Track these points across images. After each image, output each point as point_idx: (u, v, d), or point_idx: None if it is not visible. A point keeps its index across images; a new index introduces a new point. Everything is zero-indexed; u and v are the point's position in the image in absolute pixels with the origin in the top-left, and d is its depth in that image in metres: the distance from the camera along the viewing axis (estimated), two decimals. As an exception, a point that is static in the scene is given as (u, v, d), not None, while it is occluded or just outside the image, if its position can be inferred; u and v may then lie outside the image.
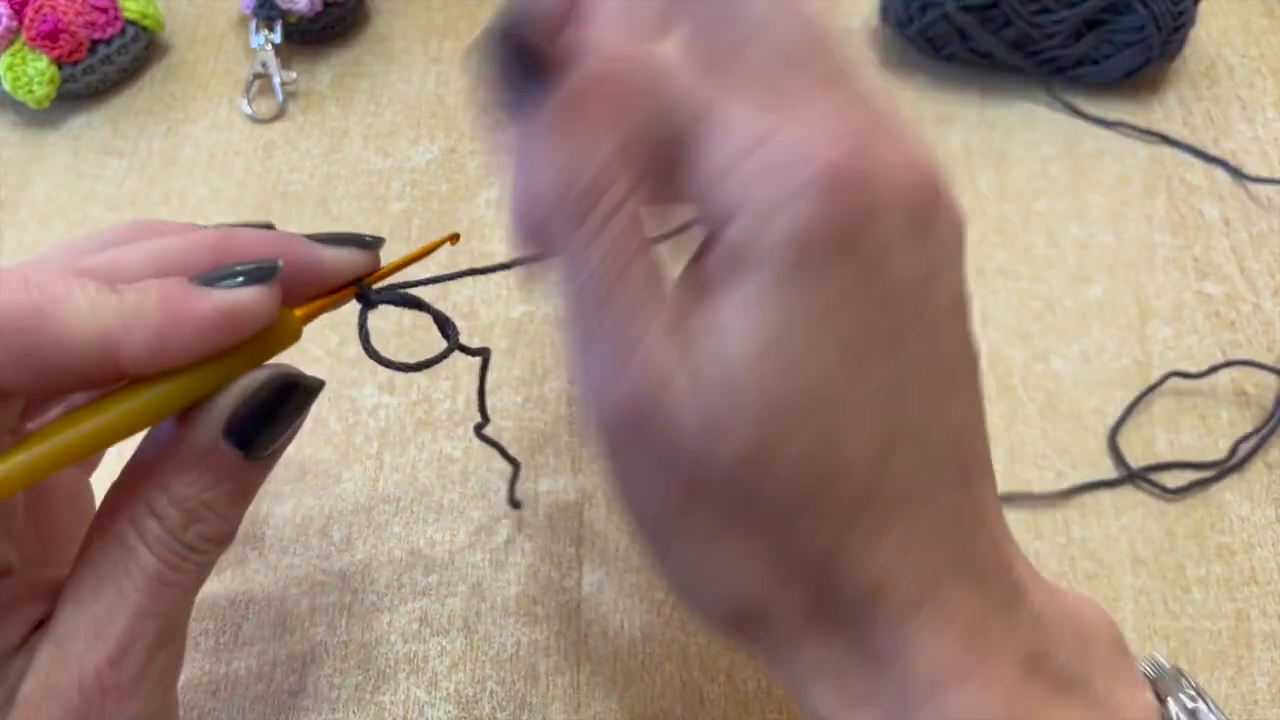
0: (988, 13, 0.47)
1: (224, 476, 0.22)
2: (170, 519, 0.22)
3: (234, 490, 0.22)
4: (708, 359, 0.19)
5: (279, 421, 0.23)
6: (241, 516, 0.23)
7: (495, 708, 0.33)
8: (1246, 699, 0.33)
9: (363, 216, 0.46)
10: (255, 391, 0.22)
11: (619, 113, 0.19)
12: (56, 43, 0.48)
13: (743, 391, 0.19)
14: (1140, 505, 0.37)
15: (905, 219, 0.19)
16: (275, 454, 0.23)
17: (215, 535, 0.22)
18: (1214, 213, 0.45)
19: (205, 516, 0.22)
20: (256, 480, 0.23)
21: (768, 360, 0.19)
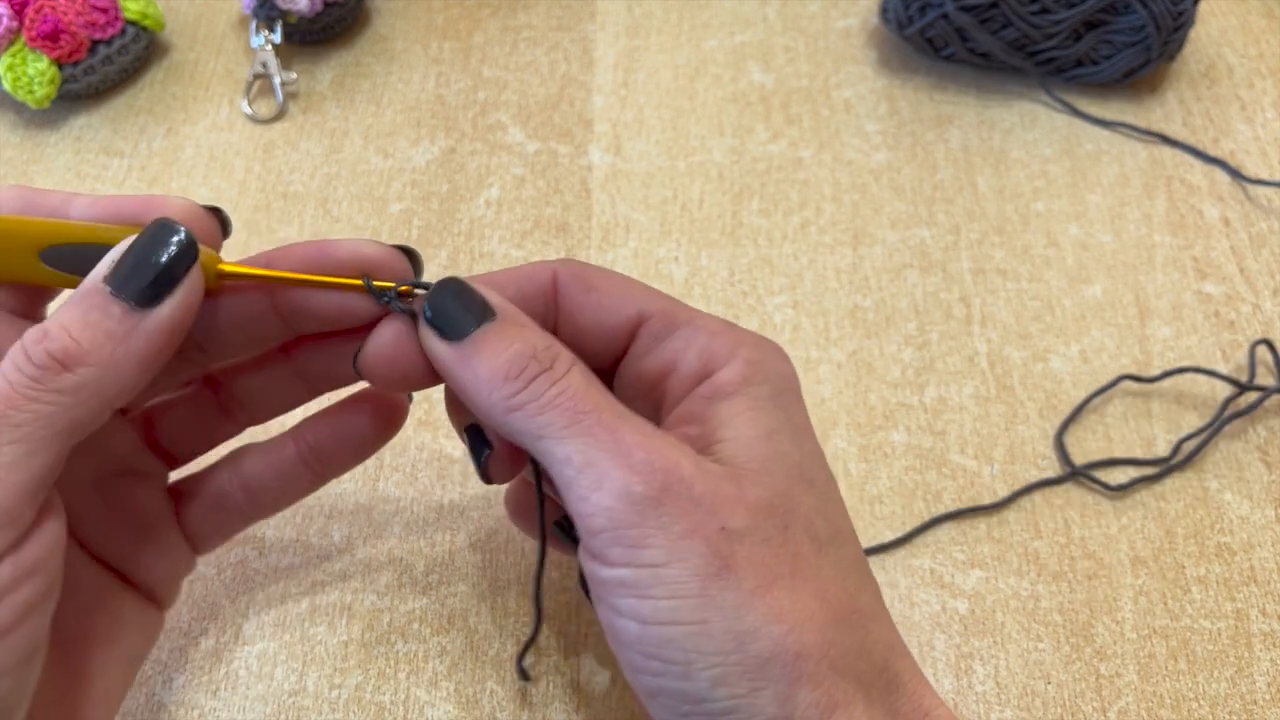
0: (987, 13, 0.47)
1: (91, 308, 0.24)
2: (29, 336, 0.24)
3: (97, 321, 0.24)
4: (728, 440, 0.25)
5: (152, 261, 0.24)
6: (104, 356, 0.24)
7: (495, 708, 0.33)
8: (1246, 699, 0.33)
9: (363, 216, 0.46)
10: (136, 239, 0.25)
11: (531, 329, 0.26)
12: (57, 43, 0.48)
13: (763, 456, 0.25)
14: (1139, 506, 0.37)
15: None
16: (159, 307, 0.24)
17: (58, 352, 0.23)
18: (1214, 213, 0.45)
19: (55, 334, 0.23)
20: (131, 325, 0.24)
21: (774, 439, 0.26)
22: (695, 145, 0.48)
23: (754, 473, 0.25)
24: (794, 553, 0.24)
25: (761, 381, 0.26)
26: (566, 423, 0.24)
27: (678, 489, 0.23)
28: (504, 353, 0.25)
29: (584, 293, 0.28)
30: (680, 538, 0.23)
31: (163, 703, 0.34)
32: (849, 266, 0.44)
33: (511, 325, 0.26)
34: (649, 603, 0.23)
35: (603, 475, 0.24)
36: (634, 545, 0.23)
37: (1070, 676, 0.34)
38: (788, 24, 0.53)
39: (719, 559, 0.23)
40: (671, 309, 0.28)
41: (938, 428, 0.39)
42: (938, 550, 0.37)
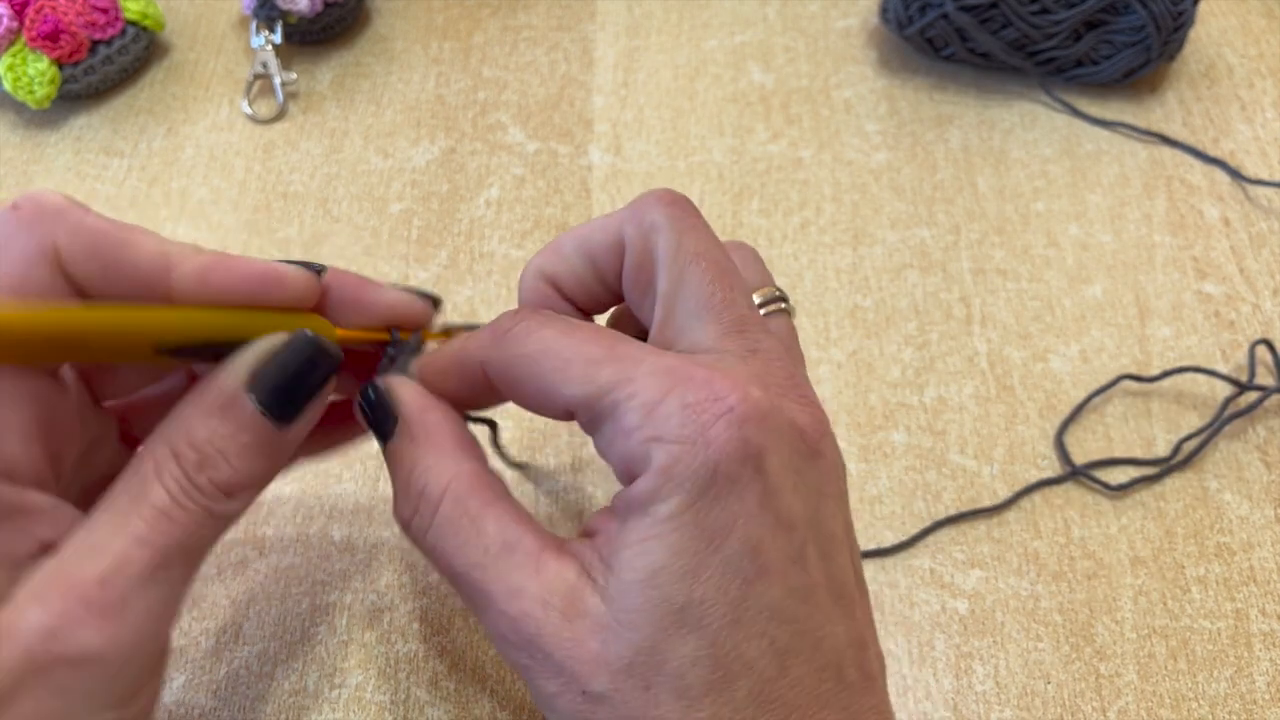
0: (987, 13, 0.47)
1: (241, 428, 0.24)
2: (186, 458, 0.23)
3: (251, 444, 0.24)
4: (613, 578, 0.23)
5: (300, 380, 0.24)
6: (257, 477, 0.24)
7: (495, 707, 0.34)
8: (1246, 699, 0.33)
9: (363, 217, 0.46)
10: (278, 346, 0.24)
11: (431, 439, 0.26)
12: (57, 43, 0.48)
13: (634, 606, 0.22)
14: (1138, 505, 0.37)
15: (797, 452, 0.23)
16: (298, 421, 0.25)
17: (224, 483, 0.23)
18: (1214, 213, 0.45)
19: (218, 463, 0.23)
20: (277, 443, 0.24)
21: (654, 581, 0.22)
22: (695, 145, 0.48)
23: (622, 624, 0.23)
24: (655, 715, 0.23)
25: (668, 495, 0.22)
26: (447, 578, 0.25)
27: (540, 658, 0.23)
28: (395, 482, 0.26)
29: (512, 388, 0.26)
30: (552, 697, 0.24)
31: (162, 702, 0.34)
32: (849, 266, 0.44)
33: (405, 444, 0.26)
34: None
35: (487, 631, 0.25)
36: (530, 688, 0.24)
37: (1070, 676, 0.34)
38: (788, 24, 0.53)
39: (583, 719, 0.23)
40: (593, 398, 0.24)
41: (938, 428, 0.39)
42: (938, 550, 0.37)
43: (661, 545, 0.22)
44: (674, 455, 0.22)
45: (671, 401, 0.23)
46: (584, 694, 0.23)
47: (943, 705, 0.33)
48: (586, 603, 0.23)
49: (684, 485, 0.22)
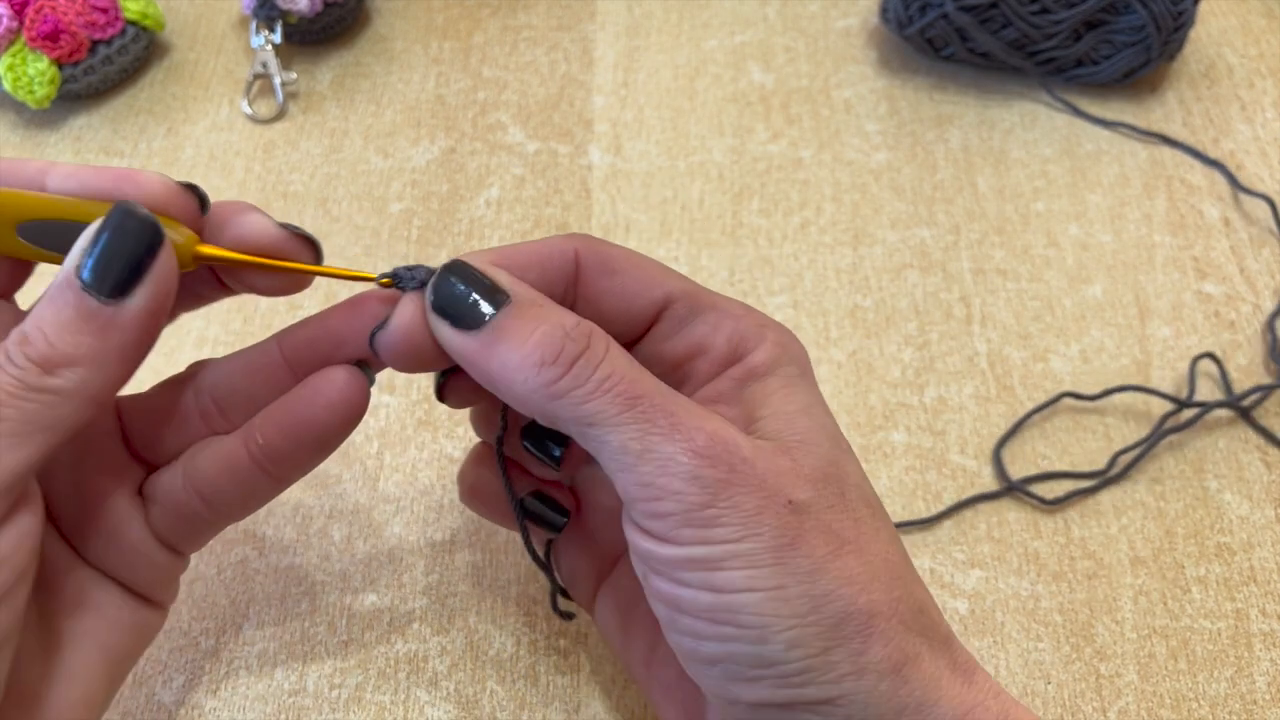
0: (987, 13, 0.47)
1: (64, 305, 0.24)
2: (10, 338, 0.24)
3: (71, 319, 0.24)
4: (769, 417, 0.26)
5: (117, 250, 0.24)
6: (82, 352, 0.24)
7: (495, 708, 0.34)
8: (1246, 699, 0.33)
9: (363, 216, 0.46)
10: (99, 223, 0.24)
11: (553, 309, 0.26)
12: (57, 43, 0.48)
13: (806, 429, 0.26)
14: (1139, 505, 0.37)
15: None
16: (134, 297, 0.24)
17: (38, 357, 0.23)
18: (1214, 213, 0.45)
19: (34, 338, 0.24)
20: (108, 319, 0.24)
21: (812, 413, 0.26)
22: (695, 145, 0.48)
23: (802, 445, 0.25)
24: (854, 518, 0.25)
25: (790, 361, 0.27)
26: (619, 409, 0.24)
27: (742, 469, 0.24)
28: (531, 336, 0.24)
29: (607, 276, 0.27)
30: (752, 515, 0.23)
31: (162, 703, 0.34)
32: (849, 266, 0.44)
33: (532, 306, 0.25)
34: (723, 574, 0.24)
35: (667, 461, 0.24)
36: (706, 525, 0.24)
37: (1070, 676, 0.34)
38: (788, 24, 0.53)
39: (790, 531, 0.24)
40: (694, 291, 0.28)
41: (938, 428, 0.39)
42: (938, 550, 0.37)
43: (804, 391, 0.27)
44: (785, 338, 0.28)
45: (758, 313, 0.28)
46: (790, 504, 0.24)
47: (943, 705, 0.33)
48: (759, 443, 0.25)
49: (797, 360, 0.27)
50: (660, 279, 0.28)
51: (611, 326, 0.27)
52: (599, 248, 0.28)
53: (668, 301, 0.27)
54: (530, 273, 0.26)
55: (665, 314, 0.28)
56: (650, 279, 0.28)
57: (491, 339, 0.25)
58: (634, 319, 0.28)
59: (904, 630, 0.24)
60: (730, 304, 0.28)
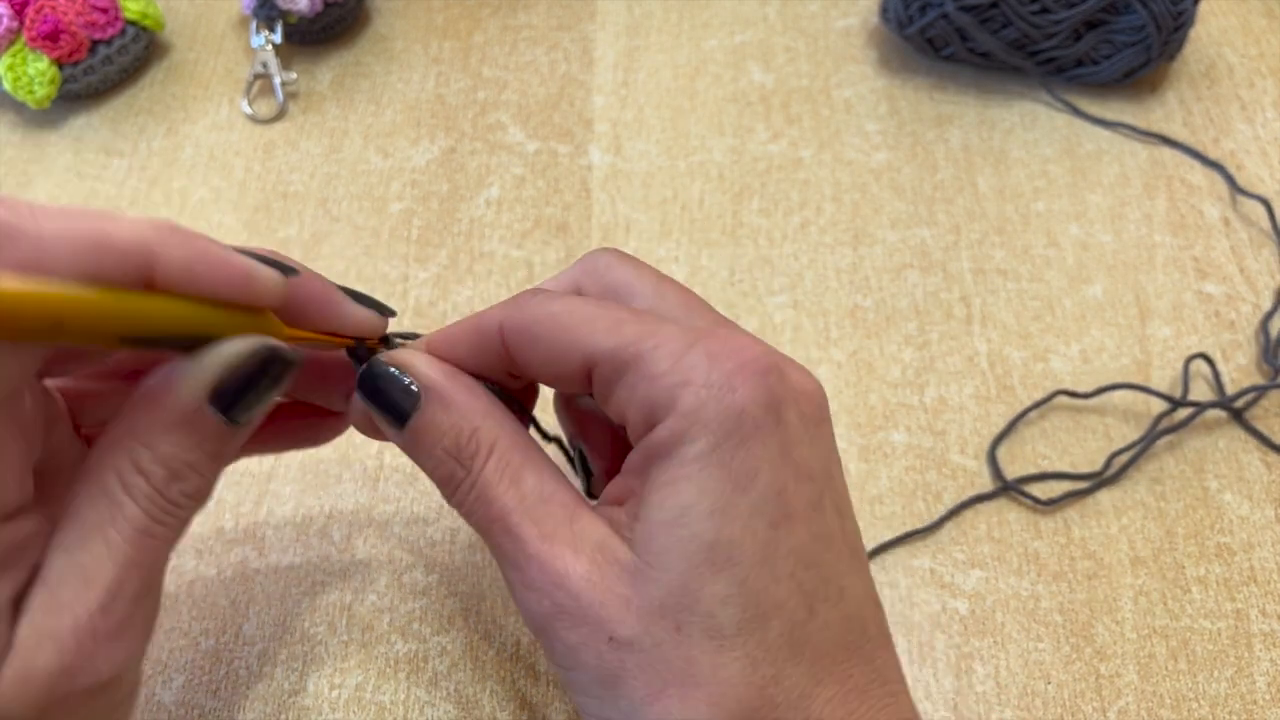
0: (987, 13, 0.47)
1: (206, 438, 0.23)
2: (156, 476, 0.23)
3: (214, 451, 0.24)
4: (642, 522, 0.23)
5: (259, 388, 0.24)
6: (218, 476, 0.25)
7: (495, 708, 0.34)
8: (1246, 699, 0.33)
9: (363, 216, 0.46)
10: (239, 355, 0.23)
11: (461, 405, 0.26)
12: (57, 43, 0.48)
13: (663, 547, 0.23)
14: (1139, 505, 0.37)
15: (805, 414, 0.24)
16: (253, 421, 0.25)
17: (196, 492, 0.24)
18: (1214, 213, 0.45)
19: (187, 475, 0.23)
20: (235, 444, 0.25)
21: (684, 520, 0.23)
22: (695, 145, 0.48)
23: (652, 566, 0.23)
24: (687, 657, 0.23)
25: (695, 436, 0.23)
26: (483, 530, 0.26)
27: (567, 605, 0.24)
28: (433, 453, 0.26)
29: (529, 347, 0.26)
30: (575, 648, 0.24)
31: (162, 703, 0.34)
32: (849, 266, 0.44)
33: (439, 410, 0.26)
34: (574, 695, 0.25)
35: (512, 585, 0.25)
36: (548, 648, 0.25)
37: (1070, 676, 0.34)
38: (788, 24, 0.53)
39: (608, 669, 0.23)
40: (617, 349, 0.24)
41: (938, 428, 0.39)
42: (938, 550, 0.37)
43: (690, 485, 0.23)
44: (701, 398, 0.23)
45: (697, 351, 0.23)
46: (611, 640, 0.23)
47: (943, 705, 0.33)
48: (615, 551, 0.24)
49: (710, 427, 0.23)
50: (583, 340, 0.25)
51: (556, 385, 0.28)
52: (521, 318, 0.26)
53: (590, 365, 0.25)
54: (459, 348, 0.27)
55: (595, 377, 0.25)
56: (570, 343, 0.25)
57: (411, 441, 0.26)
58: (570, 382, 0.26)
59: None
60: (655, 357, 0.24)
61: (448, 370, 0.26)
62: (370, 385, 0.26)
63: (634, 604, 0.23)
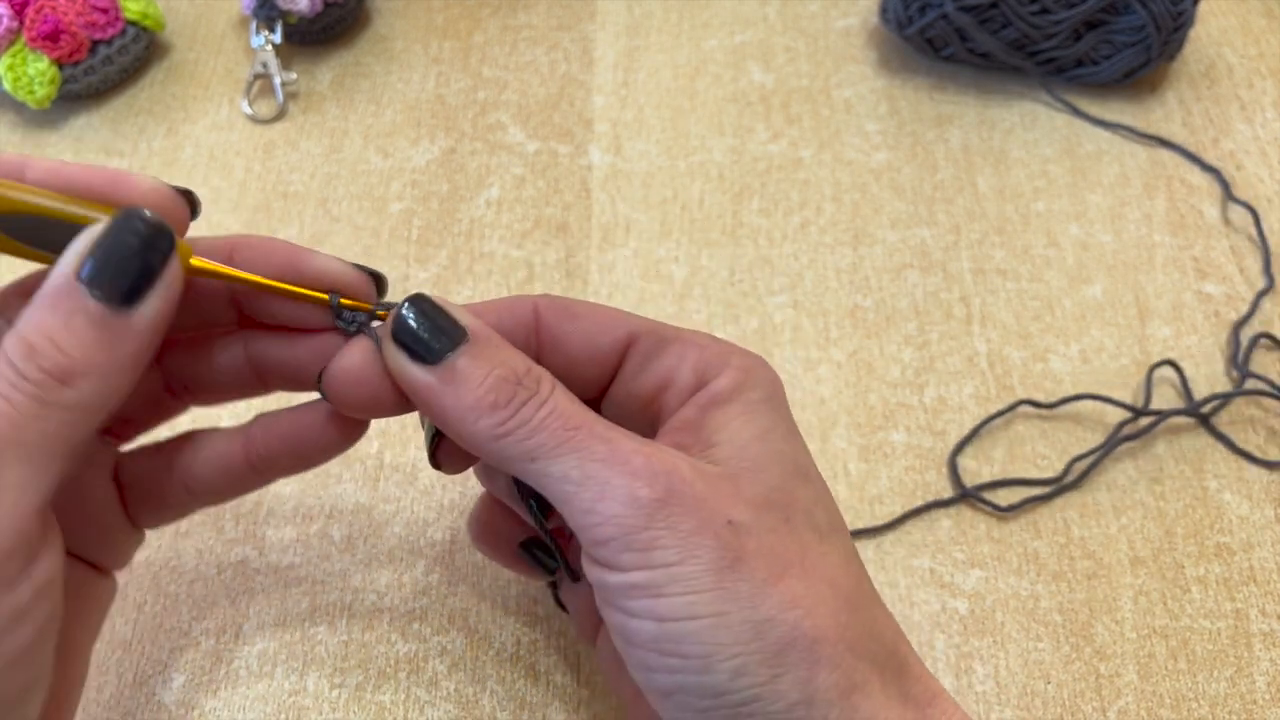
0: (987, 13, 0.47)
1: (72, 312, 0.23)
2: (13, 350, 0.23)
3: (83, 329, 0.23)
4: (723, 443, 0.26)
5: (131, 259, 0.23)
6: (97, 363, 0.23)
7: (495, 708, 0.34)
8: (1246, 699, 0.33)
9: (363, 216, 0.46)
10: (106, 227, 0.23)
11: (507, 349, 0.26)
12: (57, 43, 0.48)
13: (757, 454, 0.26)
14: (1139, 505, 0.37)
15: None
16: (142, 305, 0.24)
17: (54, 369, 0.22)
18: (1214, 213, 0.45)
19: (46, 349, 0.22)
20: (118, 328, 0.23)
21: (769, 438, 0.26)
22: (695, 145, 0.48)
23: (750, 470, 0.25)
24: (800, 542, 0.24)
25: (754, 386, 0.27)
26: (559, 441, 0.24)
27: (681, 489, 0.24)
28: (486, 379, 0.25)
29: (569, 320, 0.27)
30: (690, 535, 0.23)
31: (162, 703, 0.34)
32: (849, 266, 0.44)
33: (489, 347, 0.25)
34: (664, 601, 0.23)
35: (605, 485, 0.24)
36: (645, 548, 0.23)
37: (1070, 676, 0.34)
38: (788, 24, 0.53)
39: (730, 552, 0.23)
40: (657, 328, 0.28)
41: (938, 428, 0.39)
42: (938, 550, 0.37)
43: (763, 416, 0.26)
44: (750, 364, 0.27)
45: (723, 341, 0.28)
46: (730, 523, 0.24)
47: (943, 705, 0.33)
48: (703, 466, 0.25)
49: (762, 386, 0.27)
50: (622, 319, 0.28)
51: (579, 369, 0.28)
52: (559, 299, 0.28)
53: (631, 339, 0.27)
54: (489, 317, 0.27)
55: (631, 352, 0.28)
56: (611, 320, 0.28)
57: (447, 377, 0.25)
58: (600, 360, 0.28)
59: (852, 657, 0.23)
60: (695, 335, 0.28)
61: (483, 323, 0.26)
62: (416, 317, 0.25)
63: (743, 496, 0.24)
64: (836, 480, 0.38)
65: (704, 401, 0.26)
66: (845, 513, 0.27)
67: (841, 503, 0.36)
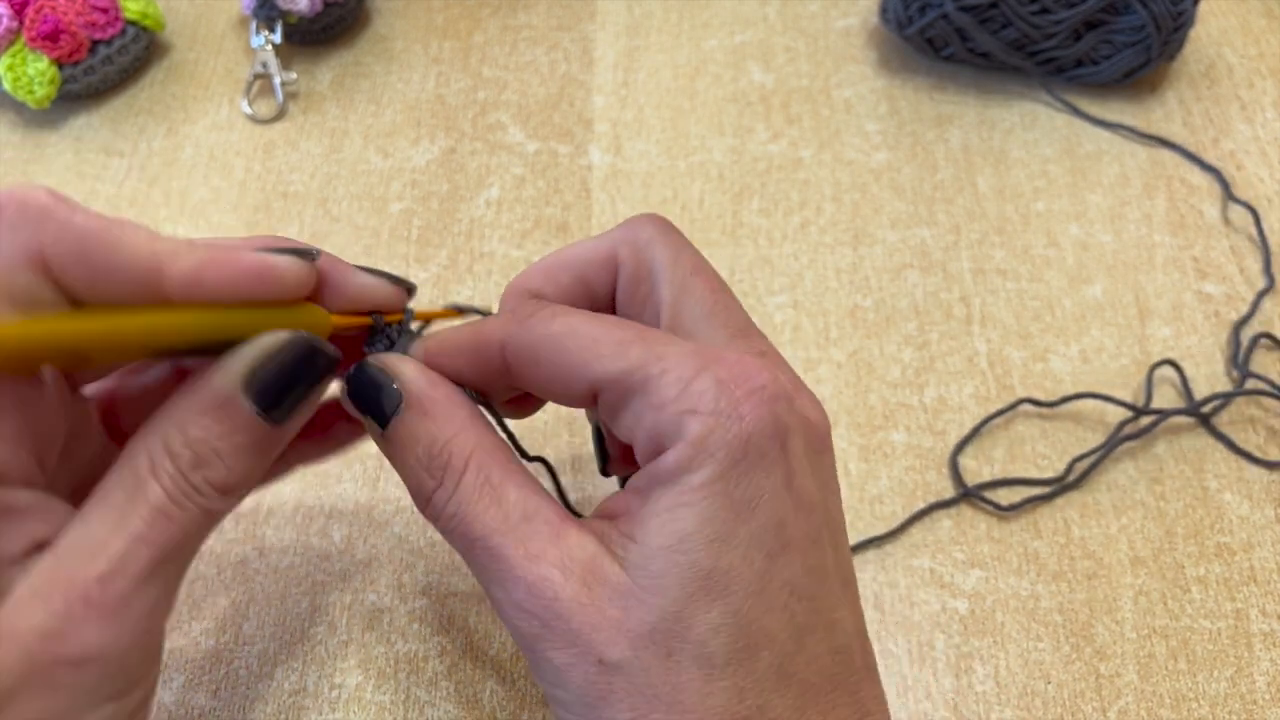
0: (987, 13, 0.47)
1: (237, 428, 0.23)
2: (181, 458, 0.23)
3: (245, 444, 0.24)
4: (638, 545, 0.23)
5: (296, 382, 0.24)
6: (251, 476, 0.24)
7: (495, 708, 0.34)
8: (1246, 699, 0.33)
9: (363, 216, 0.46)
10: (275, 348, 0.24)
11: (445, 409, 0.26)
12: (57, 43, 0.48)
13: (660, 571, 0.23)
14: (1139, 505, 0.37)
15: (809, 443, 0.24)
16: (292, 420, 0.24)
17: (220, 483, 0.23)
18: (1214, 213, 0.45)
19: (213, 462, 0.23)
20: (271, 442, 0.24)
21: (682, 546, 0.23)
22: (695, 145, 0.48)
23: (644, 590, 0.23)
24: (675, 683, 0.23)
25: (700, 465, 0.23)
26: (464, 549, 0.25)
27: (555, 625, 0.23)
28: (408, 461, 0.25)
29: (531, 367, 0.26)
30: (561, 669, 0.23)
31: (162, 702, 0.34)
32: (849, 266, 0.44)
33: (418, 419, 0.25)
34: (554, 707, 0.24)
35: (498, 604, 0.24)
36: (534, 666, 0.24)
37: (1070, 676, 0.34)
38: (788, 24, 0.53)
39: (595, 691, 0.23)
40: (624, 374, 0.24)
41: (938, 428, 0.39)
42: (938, 550, 0.37)
43: (691, 512, 0.23)
44: (708, 426, 0.23)
45: (705, 377, 0.23)
46: (600, 663, 0.23)
47: (943, 705, 0.33)
48: (606, 571, 0.23)
49: (716, 456, 0.23)
50: (589, 364, 0.24)
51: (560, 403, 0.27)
52: (530, 332, 0.26)
53: (595, 390, 0.25)
54: (459, 359, 0.27)
55: (600, 402, 0.25)
56: (576, 366, 0.25)
57: (389, 445, 0.26)
58: (576, 404, 0.26)
59: None
60: (663, 383, 0.23)
61: (433, 378, 0.26)
62: (355, 385, 0.26)
63: (625, 627, 0.23)
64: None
65: (649, 476, 0.24)
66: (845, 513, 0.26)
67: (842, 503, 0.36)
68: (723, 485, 0.23)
